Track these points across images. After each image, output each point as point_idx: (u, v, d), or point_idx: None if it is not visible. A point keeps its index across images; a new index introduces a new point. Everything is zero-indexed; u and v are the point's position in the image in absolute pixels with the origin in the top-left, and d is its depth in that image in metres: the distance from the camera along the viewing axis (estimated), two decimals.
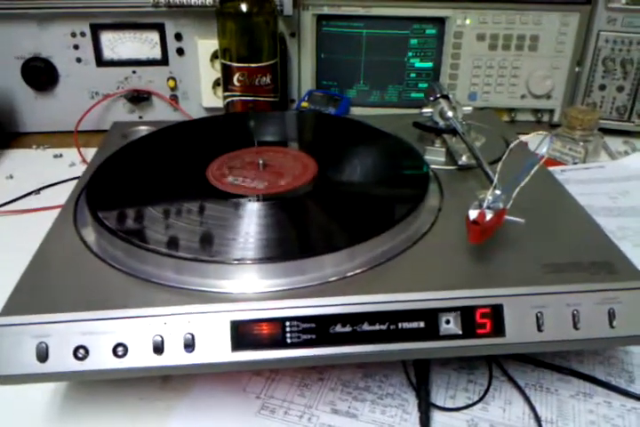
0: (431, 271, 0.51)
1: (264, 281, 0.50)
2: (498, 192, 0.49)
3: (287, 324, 0.47)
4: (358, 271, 0.51)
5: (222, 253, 0.51)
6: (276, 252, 0.52)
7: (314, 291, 0.49)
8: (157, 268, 0.51)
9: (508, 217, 0.50)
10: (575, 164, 0.91)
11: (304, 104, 1.01)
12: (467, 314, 0.47)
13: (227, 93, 0.94)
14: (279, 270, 0.50)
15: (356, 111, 1.05)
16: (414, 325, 0.47)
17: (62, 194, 0.68)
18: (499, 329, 0.47)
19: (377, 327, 0.47)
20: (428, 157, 0.69)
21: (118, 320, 0.46)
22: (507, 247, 0.54)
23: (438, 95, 0.72)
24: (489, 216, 0.48)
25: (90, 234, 0.56)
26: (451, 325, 0.47)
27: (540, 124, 1.06)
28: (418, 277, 0.50)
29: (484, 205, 0.49)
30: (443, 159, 0.70)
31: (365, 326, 0.47)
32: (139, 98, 1.02)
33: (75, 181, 0.72)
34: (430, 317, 0.47)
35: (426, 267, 0.52)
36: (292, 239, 0.54)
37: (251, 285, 0.49)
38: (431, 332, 0.47)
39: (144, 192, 0.61)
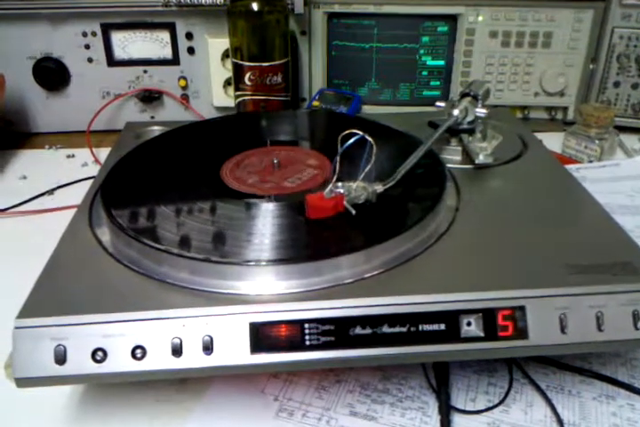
0: (451, 272, 0.50)
1: (281, 283, 0.49)
2: (339, 184, 0.55)
3: (306, 326, 0.46)
4: (376, 273, 0.50)
5: (238, 255, 0.51)
6: (293, 253, 0.51)
7: (332, 293, 0.48)
8: (173, 269, 0.51)
9: (346, 204, 0.54)
10: (591, 162, 0.90)
11: (315, 103, 1.01)
12: (489, 316, 0.47)
13: (238, 93, 0.93)
14: (297, 272, 0.49)
15: (368, 110, 1.05)
16: (435, 327, 0.46)
17: (76, 194, 0.68)
18: (522, 331, 0.47)
19: (397, 330, 0.46)
20: (443, 157, 0.68)
21: (137, 322, 0.46)
22: (527, 248, 0.53)
23: (468, 92, 0.70)
24: (326, 198, 0.54)
25: (106, 235, 0.56)
26: (472, 327, 0.47)
27: (554, 122, 1.05)
28: (437, 278, 0.50)
29: (327, 189, 0.54)
30: (459, 158, 0.69)
31: (385, 329, 0.46)
32: (150, 97, 1.01)
33: (88, 182, 0.72)
34: (451, 319, 0.47)
35: (445, 268, 0.51)
36: (308, 240, 0.54)
37: (267, 286, 0.49)
38: (452, 334, 0.46)
39: (159, 193, 0.61)
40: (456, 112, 0.68)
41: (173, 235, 0.53)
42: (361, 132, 0.52)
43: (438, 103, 0.71)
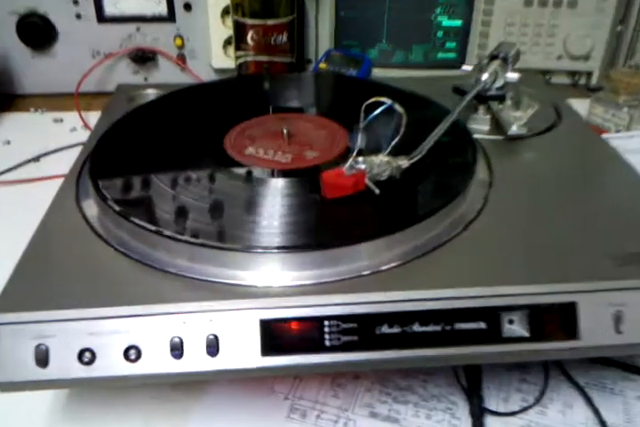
0: (490, 262, 0.44)
1: (290, 273, 0.43)
2: (360, 158, 0.49)
3: (326, 323, 0.40)
4: (403, 262, 0.44)
5: (244, 240, 0.45)
6: (308, 239, 0.45)
7: (351, 285, 0.42)
8: (169, 255, 0.45)
9: (368, 182, 0.48)
10: (618, 131, 0.84)
11: (322, 65, 0.94)
12: (534, 313, 0.41)
13: (239, 53, 0.87)
14: (311, 261, 0.43)
15: (378, 73, 0.97)
16: (473, 325, 0.41)
17: (63, 162, 0.63)
18: (571, 331, 0.41)
19: (430, 328, 0.40)
20: (470, 126, 0.61)
21: (130, 319, 0.40)
22: (574, 233, 0.47)
23: (497, 54, 0.63)
24: (346, 174, 0.48)
25: (95, 215, 0.50)
26: (515, 325, 0.41)
27: (577, 88, 0.98)
28: (475, 269, 0.43)
29: (347, 165, 0.48)
30: (487, 128, 0.62)
31: (416, 327, 0.40)
32: (143, 58, 0.95)
33: (76, 149, 0.67)
34: (491, 316, 0.41)
35: (484, 256, 0.45)
36: (326, 224, 0.48)
37: (276, 277, 0.43)
38: (492, 334, 0.41)
39: (155, 164, 0.54)
40: (485, 76, 0.61)
41: (168, 214, 0.47)
42: (389, 101, 0.46)
43: (465, 66, 0.64)
